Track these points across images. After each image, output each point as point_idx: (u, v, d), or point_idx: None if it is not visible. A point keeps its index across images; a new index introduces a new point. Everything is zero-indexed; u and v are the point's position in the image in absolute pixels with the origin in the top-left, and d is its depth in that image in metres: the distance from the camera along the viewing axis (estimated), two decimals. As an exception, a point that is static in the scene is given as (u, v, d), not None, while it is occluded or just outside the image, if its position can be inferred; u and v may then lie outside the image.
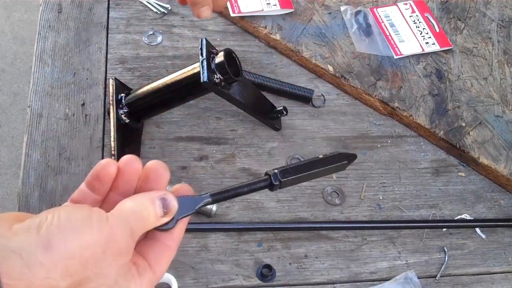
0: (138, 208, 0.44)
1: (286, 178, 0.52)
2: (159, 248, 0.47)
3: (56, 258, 0.38)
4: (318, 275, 0.76)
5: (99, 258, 0.40)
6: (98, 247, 0.40)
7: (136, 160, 0.47)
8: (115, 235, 0.41)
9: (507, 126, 0.91)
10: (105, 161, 0.46)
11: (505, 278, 0.79)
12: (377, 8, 1.04)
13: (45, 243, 0.38)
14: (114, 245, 0.41)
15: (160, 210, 0.45)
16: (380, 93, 0.93)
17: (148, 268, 0.46)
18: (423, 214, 0.83)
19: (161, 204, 0.45)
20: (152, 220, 0.44)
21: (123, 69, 0.93)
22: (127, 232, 0.42)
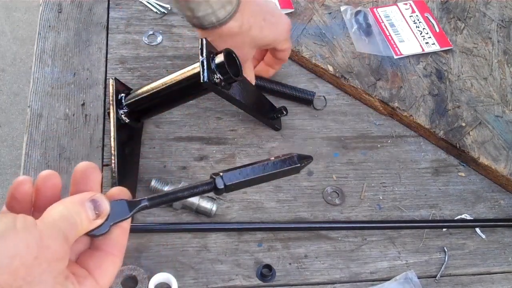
0: (68, 212, 0.42)
1: (232, 182, 0.49)
2: (98, 255, 0.45)
3: None
4: (318, 275, 0.76)
5: (31, 265, 0.38)
6: (27, 254, 0.38)
7: (53, 175, 0.45)
8: (46, 240, 0.39)
9: (507, 126, 0.91)
10: (20, 179, 0.44)
11: (505, 278, 0.79)
12: (377, 8, 1.04)
13: None
14: (46, 250, 0.39)
15: (92, 212, 0.43)
16: (380, 93, 0.93)
17: (88, 276, 0.44)
18: (423, 214, 0.83)
19: (92, 205, 0.43)
20: (85, 223, 0.43)
21: (123, 69, 0.93)
22: (60, 237, 0.40)
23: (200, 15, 0.74)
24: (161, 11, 1.01)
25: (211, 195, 0.80)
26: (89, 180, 0.46)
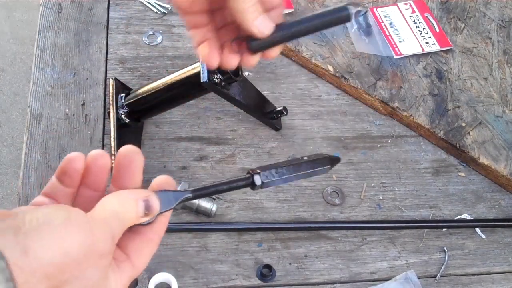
0: (121, 209, 0.43)
1: (269, 180, 0.51)
2: (139, 241, 0.46)
3: (35, 264, 0.37)
4: (318, 275, 0.76)
5: (80, 263, 0.39)
6: (79, 252, 0.39)
7: (103, 155, 0.46)
8: (97, 239, 0.40)
9: (507, 126, 0.91)
10: (71, 156, 0.46)
11: (505, 278, 0.79)
12: (377, 8, 1.04)
13: (23, 248, 0.37)
14: (95, 249, 0.40)
15: (142, 211, 0.44)
16: (380, 93, 0.93)
17: (127, 260, 0.45)
18: (423, 214, 0.83)
19: (144, 205, 0.44)
20: (133, 220, 0.44)
21: (123, 69, 0.93)
22: (109, 235, 0.41)
23: None
24: (161, 11, 1.01)
25: (211, 195, 0.80)
26: (131, 165, 0.47)
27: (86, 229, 0.40)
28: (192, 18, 0.57)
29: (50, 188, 0.46)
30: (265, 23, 0.54)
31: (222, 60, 0.57)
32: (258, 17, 0.53)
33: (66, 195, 0.46)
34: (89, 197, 0.45)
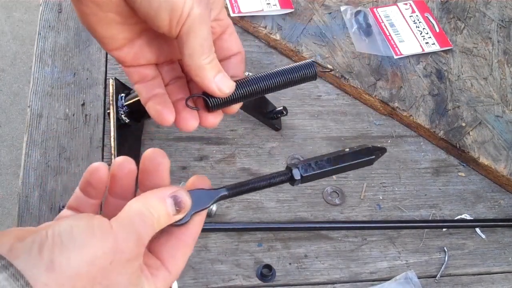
0: (146, 210, 0.41)
1: (308, 173, 0.49)
2: (173, 244, 0.44)
3: (61, 278, 0.36)
4: (318, 275, 0.76)
5: (108, 270, 0.38)
6: (104, 260, 0.38)
7: (128, 161, 0.45)
8: (121, 244, 0.39)
9: (507, 126, 0.91)
10: (94, 166, 0.44)
11: (505, 278, 0.79)
12: (377, 8, 1.04)
13: (48, 265, 0.36)
14: (121, 254, 0.39)
15: (172, 208, 0.43)
16: (380, 93, 0.93)
17: (161, 267, 0.44)
18: (423, 214, 0.83)
19: (172, 201, 0.43)
20: (163, 219, 0.42)
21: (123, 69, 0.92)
22: (134, 238, 0.40)
23: None
24: (161, 11, 1.01)
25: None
26: (158, 168, 0.45)
27: (109, 235, 0.39)
28: (137, 71, 0.51)
29: (75, 200, 0.45)
30: (225, 81, 0.47)
31: (178, 120, 0.49)
32: (216, 75, 0.47)
33: (92, 206, 0.45)
34: (116, 206, 0.43)
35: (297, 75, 0.50)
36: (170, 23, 0.43)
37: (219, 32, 0.50)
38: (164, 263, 0.44)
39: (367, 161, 0.51)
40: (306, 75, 0.51)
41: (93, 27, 0.46)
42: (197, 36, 0.44)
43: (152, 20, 0.44)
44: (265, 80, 0.50)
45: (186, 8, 0.43)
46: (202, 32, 0.44)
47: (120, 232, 0.39)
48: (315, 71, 0.50)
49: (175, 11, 0.43)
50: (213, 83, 0.46)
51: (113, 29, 0.46)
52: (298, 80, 0.51)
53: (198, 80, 0.46)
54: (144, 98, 0.50)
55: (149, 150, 0.46)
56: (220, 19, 0.49)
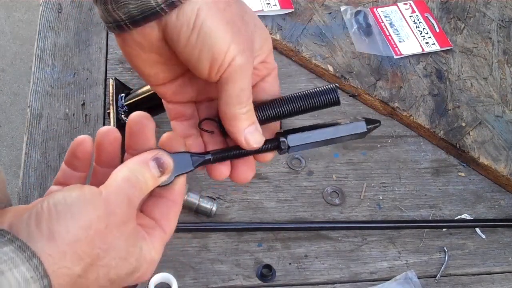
0: (132, 175, 0.43)
1: (296, 144, 0.48)
2: (163, 204, 0.46)
3: (62, 246, 0.38)
4: (318, 275, 0.76)
5: (104, 234, 0.40)
6: (99, 223, 0.40)
7: (113, 130, 0.47)
8: (113, 207, 0.41)
9: (507, 126, 0.91)
10: (80, 138, 0.46)
11: (505, 278, 0.79)
12: (377, 8, 1.05)
13: (48, 235, 0.38)
14: (114, 217, 0.41)
15: (156, 170, 0.44)
16: (380, 93, 0.93)
17: (156, 226, 0.45)
18: (423, 214, 0.83)
19: (155, 164, 0.44)
20: (150, 182, 0.44)
21: (123, 69, 0.93)
22: (124, 201, 0.42)
23: None
24: (161, 11, 1.01)
25: (211, 194, 0.80)
26: (144, 130, 0.47)
27: (100, 201, 0.41)
28: (175, 108, 0.52)
29: (62, 176, 0.48)
30: (255, 135, 0.47)
31: (210, 169, 0.49)
32: (248, 127, 0.47)
33: (79, 179, 0.47)
34: (104, 175, 0.45)
35: (319, 99, 0.50)
36: (210, 71, 0.44)
37: (264, 75, 0.50)
38: (158, 222, 0.46)
39: (358, 134, 0.50)
40: (329, 101, 0.50)
41: (138, 65, 0.48)
42: (236, 86, 0.45)
43: (193, 66, 0.45)
44: (286, 104, 0.49)
45: (228, 58, 0.43)
46: (242, 83, 0.45)
47: (111, 197, 0.41)
48: (337, 97, 0.50)
49: (216, 60, 0.43)
50: (242, 135, 0.47)
51: (156, 68, 0.48)
52: (320, 105, 0.50)
53: (229, 129, 0.47)
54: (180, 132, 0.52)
55: (134, 114, 0.47)
56: (267, 62, 0.50)
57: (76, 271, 0.39)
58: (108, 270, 0.41)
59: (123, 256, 0.42)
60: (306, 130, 0.49)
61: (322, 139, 0.49)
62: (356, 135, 0.50)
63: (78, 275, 0.39)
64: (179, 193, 0.47)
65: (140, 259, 0.43)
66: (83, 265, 0.39)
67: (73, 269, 0.39)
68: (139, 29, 0.44)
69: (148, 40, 0.45)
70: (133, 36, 0.45)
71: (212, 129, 0.50)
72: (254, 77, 0.49)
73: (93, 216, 0.40)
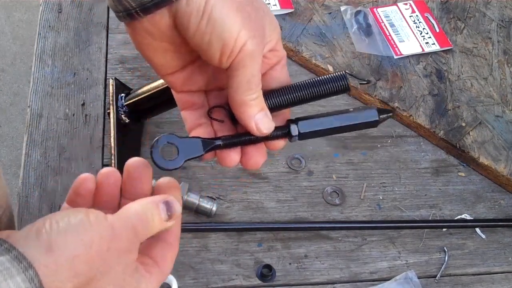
0: (142, 210, 0.44)
1: (307, 130, 0.48)
2: (162, 246, 0.47)
3: (60, 259, 0.38)
4: (318, 275, 0.76)
5: (105, 257, 0.40)
6: (101, 244, 0.40)
7: (114, 172, 0.47)
8: (117, 232, 0.41)
9: (507, 126, 0.91)
10: (83, 176, 0.46)
11: (505, 278, 0.79)
12: (377, 8, 1.04)
13: (46, 247, 0.38)
14: (118, 242, 0.41)
15: (164, 213, 0.45)
16: (380, 93, 0.93)
17: (155, 265, 0.46)
18: (423, 214, 0.83)
19: (165, 207, 0.45)
20: (156, 223, 0.44)
21: (123, 69, 0.93)
22: (130, 230, 0.42)
23: None
24: (161, 11, 1.01)
25: (211, 194, 0.80)
26: (141, 176, 0.47)
27: (106, 224, 0.41)
28: (185, 97, 0.51)
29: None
30: (265, 121, 0.47)
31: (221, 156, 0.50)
32: (258, 113, 0.47)
33: None
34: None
35: (328, 86, 0.49)
36: (221, 57, 0.44)
37: (273, 63, 0.50)
38: (157, 262, 0.46)
39: (369, 123, 0.49)
40: (339, 88, 0.49)
41: (148, 54, 0.48)
42: (246, 72, 0.45)
43: (204, 52, 0.45)
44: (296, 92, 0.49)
45: (239, 43, 0.43)
46: (252, 69, 0.45)
47: (117, 223, 0.41)
48: (347, 84, 0.49)
49: (227, 46, 0.43)
50: (253, 121, 0.47)
51: (167, 57, 0.48)
52: (330, 92, 0.50)
53: (239, 115, 0.47)
54: (189, 125, 0.51)
55: (131, 160, 0.47)
56: (276, 50, 0.49)
57: (68, 287, 0.38)
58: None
59: (119, 284, 0.41)
60: (317, 118, 0.49)
61: (333, 126, 0.49)
62: (368, 124, 0.49)
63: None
64: (176, 236, 0.48)
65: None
66: (77, 283, 0.38)
67: (66, 286, 0.38)
68: (150, 16, 0.44)
69: (159, 27, 0.45)
70: (144, 24, 0.45)
71: (222, 118, 0.49)
72: (264, 66, 0.49)
73: (96, 236, 0.39)
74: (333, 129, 0.49)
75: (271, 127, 0.48)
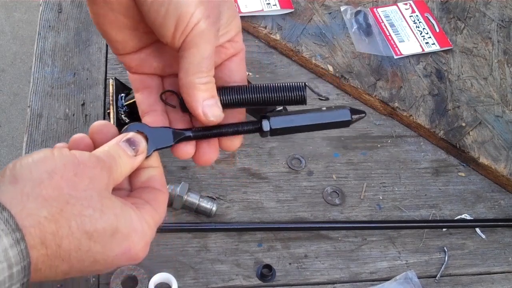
0: (108, 149, 0.45)
1: (278, 126, 0.48)
2: (150, 190, 0.47)
3: (26, 188, 0.38)
4: (318, 275, 0.76)
5: (73, 181, 0.40)
6: (66, 171, 0.40)
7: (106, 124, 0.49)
8: (81, 160, 0.42)
9: (507, 126, 0.91)
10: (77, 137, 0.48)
11: (505, 278, 0.79)
12: (377, 8, 1.04)
13: (10, 179, 0.39)
14: (84, 169, 0.41)
15: (129, 149, 0.46)
16: (380, 93, 0.93)
17: (147, 204, 0.46)
18: (423, 214, 0.83)
19: (127, 144, 0.46)
20: (125, 159, 0.45)
21: (123, 69, 0.93)
22: (96, 160, 0.43)
23: None
24: (161, 11, 1.01)
25: (211, 194, 0.80)
26: (106, 135, 0.48)
27: (68, 154, 0.42)
28: (140, 78, 0.51)
29: None
30: (214, 109, 0.45)
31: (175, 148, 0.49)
32: (207, 99, 0.45)
33: None
34: None
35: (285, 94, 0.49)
36: (175, 32, 0.44)
37: (231, 54, 0.50)
38: (148, 201, 0.46)
39: (342, 122, 0.49)
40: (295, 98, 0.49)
41: (105, 30, 0.47)
42: (198, 52, 0.44)
43: (158, 27, 0.44)
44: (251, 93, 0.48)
45: (193, 20, 0.43)
46: (204, 50, 0.44)
47: (81, 154, 0.43)
48: (303, 95, 0.49)
49: (181, 21, 0.43)
50: (200, 107, 0.45)
51: (124, 34, 0.47)
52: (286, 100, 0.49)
53: (186, 98, 0.45)
54: (142, 109, 0.51)
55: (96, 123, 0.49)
56: (235, 41, 0.49)
57: (43, 213, 0.38)
58: (82, 220, 0.40)
59: (98, 207, 0.41)
60: (289, 115, 0.49)
61: (305, 123, 0.49)
62: (340, 123, 0.49)
63: (45, 219, 0.38)
64: (162, 182, 0.49)
65: (128, 226, 0.43)
66: (50, 209, 0.39)
67: (39, 212, 0.38)
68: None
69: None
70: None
71: (175, 104, 0.49)
72: (221, 55, 0.48)
73: (59, 164, 0.40)
74: (305, 127, 0.49)
75: (219, 115, 0.46)
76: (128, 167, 0.45)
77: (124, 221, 0.42)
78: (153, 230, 0.45)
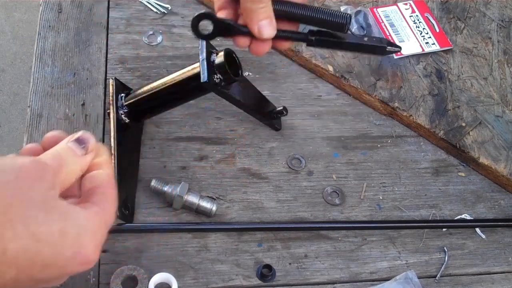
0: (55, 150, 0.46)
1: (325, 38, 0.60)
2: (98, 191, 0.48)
3: None
4: (318, 275, 0.76)
5: (14, 183, 0.40)
6: (6, 175, 0.40)
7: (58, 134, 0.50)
8: (20, 163, 0.42)
9: (507, 126, 0.91)
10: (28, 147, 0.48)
11: (505, 278, 0.79)
12: (377, 8, 1.04)
13: None
14: (25, 172, 0.41)
15: (78, 149, 0.47)
16: (380, 93, 0.93)
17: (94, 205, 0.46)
18: (423, 214, 0.83)
19: (76, 143, 0.47)
20: (73, 160, 0.46)
21: (123, 69, 0.93)
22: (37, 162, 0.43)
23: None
24: (161, 11, 1.01)
25: (211, 194, 0.80)
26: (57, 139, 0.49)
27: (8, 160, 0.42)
28: None
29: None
30: (268, 28, 0.56)
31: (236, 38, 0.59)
32: (264, 19, 0.55)
33: None
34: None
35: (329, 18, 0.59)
36: None
37: None
38: (95, 202, 0.47)
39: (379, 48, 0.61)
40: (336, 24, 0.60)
41: None
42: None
43: None
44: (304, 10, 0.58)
45: None
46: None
47: (21, 158, 0.43)
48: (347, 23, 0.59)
49: None
50: (256, 26, 0.55)
51: None
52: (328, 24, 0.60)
53: (246, 20, 0.56)
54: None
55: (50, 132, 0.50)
56: None
57: None
58: (27, 221, 0.40)
59: (42, 208, 0.41)
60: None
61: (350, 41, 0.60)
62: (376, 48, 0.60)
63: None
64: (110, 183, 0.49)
65: (76, 226, 0.42)
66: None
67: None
68: None
69: None
70: None
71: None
72: None
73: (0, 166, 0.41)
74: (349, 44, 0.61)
75: (272, 33, 0.56)
76: (78, 167, 0.46)
77: (71, 221, 0.42)
78: (103, 231, 0.45)
